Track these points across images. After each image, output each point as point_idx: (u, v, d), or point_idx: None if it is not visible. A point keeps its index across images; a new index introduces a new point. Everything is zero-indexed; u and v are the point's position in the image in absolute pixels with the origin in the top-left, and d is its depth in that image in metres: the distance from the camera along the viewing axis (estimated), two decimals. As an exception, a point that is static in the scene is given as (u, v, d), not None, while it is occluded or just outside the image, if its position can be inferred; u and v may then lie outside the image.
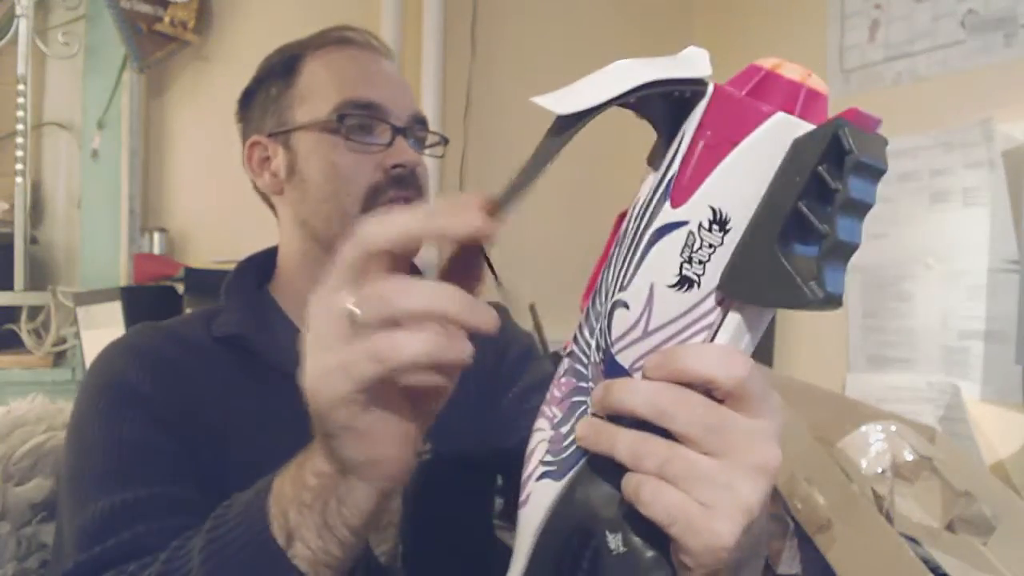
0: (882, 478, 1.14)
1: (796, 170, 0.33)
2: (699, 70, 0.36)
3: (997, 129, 1.41)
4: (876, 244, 1.65)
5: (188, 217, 1.73)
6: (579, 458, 0.40)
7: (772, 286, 0.34)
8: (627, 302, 0.38)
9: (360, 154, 0.77)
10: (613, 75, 0.35)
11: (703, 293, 0.36)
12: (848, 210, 0.33)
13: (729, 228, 0.35)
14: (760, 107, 0.35)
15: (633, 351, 0.38)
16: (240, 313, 0.78)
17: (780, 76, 0.36)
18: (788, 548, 1.13)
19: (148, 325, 0.78)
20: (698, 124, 0.36)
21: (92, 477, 0.64)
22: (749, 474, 0.37)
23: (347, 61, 0.81)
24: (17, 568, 0.84)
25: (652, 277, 0.37)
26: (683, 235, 0.36)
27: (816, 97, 0.36)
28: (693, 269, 0.36)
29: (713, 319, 0.37)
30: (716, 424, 0.37)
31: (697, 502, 0.36)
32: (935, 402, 1.49)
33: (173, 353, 0.73)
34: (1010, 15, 1.43)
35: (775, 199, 0.34)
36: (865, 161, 0.33)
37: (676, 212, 0.36)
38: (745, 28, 2.08)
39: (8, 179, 1.63)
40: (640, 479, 0.37)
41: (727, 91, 0.36)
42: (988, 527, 1.13)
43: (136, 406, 0.67)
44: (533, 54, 2.07)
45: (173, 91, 1.72)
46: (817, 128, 0.34)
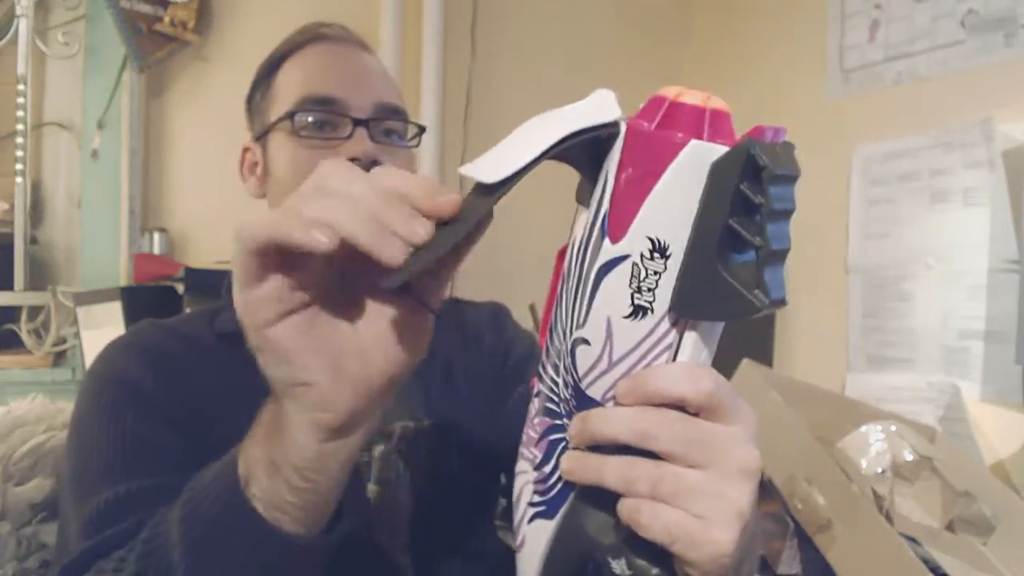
0: (882, 478, 1.14)
1: (720, 191, 0.36)
2: (609, 113, 0.38)
3: (997, 129, 1.41)
4: (876, 244, 1.65)
5: (188, 217, 1.73)
6: (568, 493, 0.42)
7: (721, 301, 0.36)
8: (587, 338, 0.40)
9: (318, 150, 0.76)
10: (529, 135, 0.38)
11: (657, 317, 0.38)
12: (774, 218, 0.36)
13: (669, 254, 0.37)
14: (672, 138, 0.37)
15: (602, 383, 0.40)
16: None
17: (683, 104, 0.37)
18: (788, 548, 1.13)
19: (150, 322, 0.78)
20: (618, 162, 0.38)
21: (95, 472, 0.64)
22: (735, 479, 0.38)
23: (314, 58, 0.81)
24: (17, 568, 0.84)
25: (607, 311, 0.39)
26: (628, 268, 0.38)
27: (720, 116, 0.38)
28: (644, 297, 0.38)
29: (671, 340, 0.38)
30: (695, 437, 0.38)
31: (693, 516, 0.37)
32: (935, 402, 1.49)
33: (175, 349, 0.73)
34: (1010, 15, 1.43)
35: (706, 221, 0.36)
36: (780, 173, 0.35)
37: (616, 247, 0.38)
38: (745, 28, 2.08)
39: (8, 179, 1.63)
40: (635, 503, 0.38)
41: (639, 127, 0.38)
42: (988, 527, 1.13)
43: (138, 402, 0.67)
44: (533, 54, 2.07)
45: (173, 91, 1.72)
46: (731, 150, 0.36)
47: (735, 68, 2.10)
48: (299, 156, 0.77)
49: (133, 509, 0.59)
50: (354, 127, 0.77)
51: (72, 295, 1.58)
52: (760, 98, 1.98)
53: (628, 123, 0.38)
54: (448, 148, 1.93)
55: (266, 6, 1.74)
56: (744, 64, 2.06)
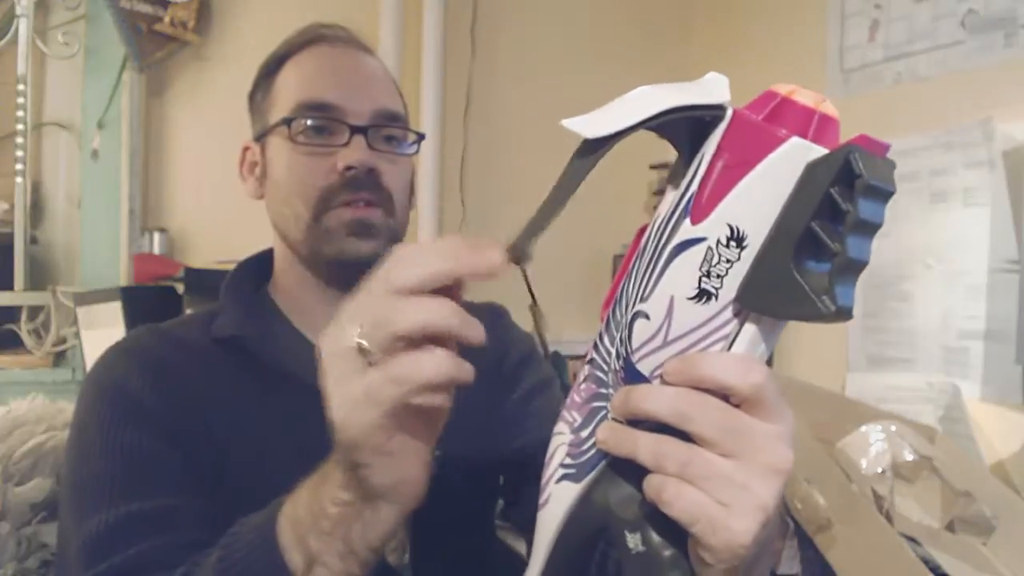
0: (882, 478, 1.14)
1: (810, 191, 0.36)
2: (719, 96, 0.38)
3: (997, 129, 1.41)
4: (876, 244, 1.64)
5: (188, 217, 1.73)
6: (599, 461, 0.42)
7: (787, 300, 0.36)
8: (648, 313, 0.40)
9: (314, 157, 0.75)
10: (638, 101, 0.38)
11: (721, 305, 0.38)
12: (858, 230, 0.36)
13: (746, 244, 0.37)
14: (776, 132, 0.37)
15: (653, 359, 0.40)
16: (239, 314, 0.78)
17: (795, 102, 0.38)
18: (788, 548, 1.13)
19: (148, 328, 0.78)
20: (717, 146, 0.38)
21: (95, 489, 0.63)
22: (764, 474, 0.38)
23: (313, 61, 0.80)
24: (17, 568, 0.84)
25: (672, 290, 0.39)
26: (702, 250, 0.38)
27: (828, 122, 0.38)
28: (711, 283, 0.38)
29: (730, 330, 0.39)
30: (733, 427, 0.38)
31: (716, 501, 0.38)
32: (935, 402, 1.49)
33: (173, 357, 0.73)
34: (1010, 15, 1.43)
35: (790, 218, 0.36)
36: (874, 184, 0.35)
37: (695, 229, 0.38)
38: (745, 28, 2.08)
39: (8, 179, 1.63)
40: (662, 480, 0.39)
41: (745, 116, 0.38)
42: (988, 527, 1.13)
43: (137, 416, 0.67)
44: (533, 54, 2.07)
45: (173, 91, 1.72)
46: (830, 153, 0.36)
47: (735, 68, 2.08)
48: (295, 162, 0.76)
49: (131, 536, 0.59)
50: (351, 134, 0.76)
51: (72, 295, 1.58)
52: (760, 98, 1.98)
53: (735, 110, 0.38)
54: (448, 148, 1.93)
55: (266, 6, 1.74)
56: (744, 64, 2.06)
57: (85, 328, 1.54)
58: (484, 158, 1.97)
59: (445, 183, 1.93)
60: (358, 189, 0.75)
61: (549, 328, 0.99)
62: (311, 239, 0.76)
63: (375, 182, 0.76)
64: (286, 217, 0.77)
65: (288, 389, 0.72)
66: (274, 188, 0.79)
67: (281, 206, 0.78)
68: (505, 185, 1.99)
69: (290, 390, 0.71)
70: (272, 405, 0.71)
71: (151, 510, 0.61)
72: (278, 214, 0.79)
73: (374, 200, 0.76)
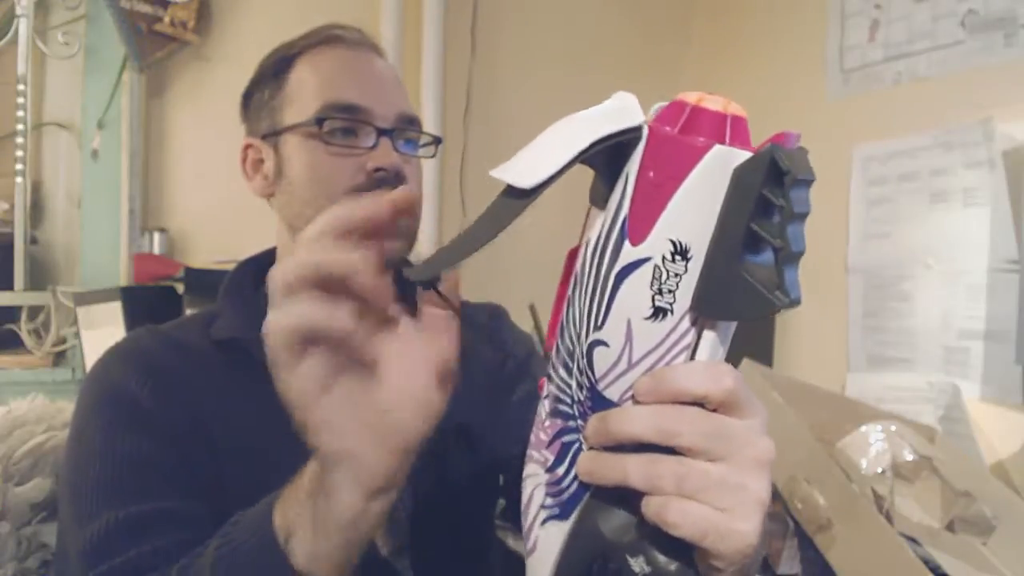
0: (882, 478, 1.14)
1: (743, 195, 0.37)
2: (634, 117, 0.39)
3: (997, 129, 1.41)
4: (876, 244, 1.65)
5: (188, 217, 1.73)
6: (582, 494, 0.42)
7: (742, 301, 0.37)
8: (605, 340, 0.40)
9: (342, 157, 0.76)
10: (560, 140, 0.38)
11: (677, 318, 0.39)
12: (793, 221, 0.37)
13: (690, 256, 0.38)
14: (696, 143, 0.37)
15: (620, 384, 0.40)
16: (238, 316, 0.78)
17: (706, 109, 0.38)
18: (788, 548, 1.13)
19: (147, 329, 0.78)
20: (639, 165, 0.39)
21: (94, 492, 0.64)
22: (755, 470, 0.39)
23: (333, 61, 0.80)
24: (17, 568, 0.84)
25: (627, 313, 0.39)
26: (649, 270, 0.38)
27: (739, 122, 0.39)
28: (665, 299, 0.38)
29: (690, 339, 0.39)
30: (717, 432, 0.39)
31: (719, 510, 0.38)
32: (935, 402, 1.49)
33: (173, 360, 0.73)
34: (1010, 15, 1.43)
35: (728, 223, 0.37)
36: (800, 176, 0.36)
37: (637, 250, 0.38)
38: (745, 28, 2.08)
39: (8, 179, 1.63)
40: (662, 501, 0.39)
41: (661, 132, 0.38)
42: (988, 527, 1.13)
43: (136, 420, 0.67)
44: (533, 54, 2.07)
45: (173, 91, 1.72)
46: (755, 156, 0.37)
47: (735, 68, 2.10)
48: (321, 162, 0.76)
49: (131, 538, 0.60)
50: (379, 136, 0.76)
51: (72, 295, 1.58)
52: (760, 98, 1.98)
53: (650, 127, 0.39)
54: (448, 148, 1.93)
55: (266, 6, 1.74)
56: (744, 64, 2.06)
57: (85, 328, 1.54)
58: (484, 158, 1.97)
59: (445, 183, 1.92)
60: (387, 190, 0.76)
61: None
62: None
63: (401, 184, 0.77)
64: (308, 217, 0.77)
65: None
66: (292, 188, 0.79)
67: (303, 207, 0.77)
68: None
69: None
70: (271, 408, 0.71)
71: (150, 512, 0.61)
72: (297, 214, 0.78)
73: None
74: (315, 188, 0.77)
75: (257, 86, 0.84)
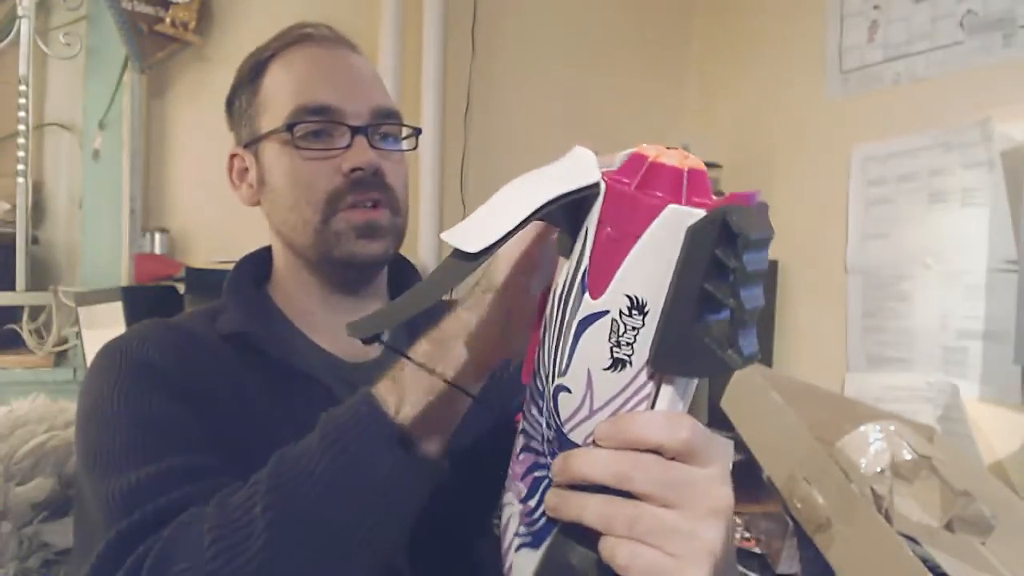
0: (881, 477, 1.15)
1: (696, 255, 0.37)
2: (589, 176, 0.39)
3: (996, 129, 1.41)
4: (875, 244, 1.65)
5: (189, 217, 1.74)
6: (551, 527, 0.44)
7: (696, 359, 0.38)
8: (568, 387, 0.41)
9: (317, 161, 0.75)
10: (512, 201, 0.39)
11: (636, 369, 0.40)
12: (747, 281, 0.37)
13: (647, 311, 0.39)
14: (651, 201, 0.38)
15: (583, 429, 0.42)
16: (243, 311, 0.78)
17: (663, 164, 0.38)
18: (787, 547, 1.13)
19: (152, 321, 0.78)
20: (598, 220, 0.39)
21: (120, 452, 0.62)
22: (708, 519, 0.41)
23: (303, 62, 0.79)
24: (18, 567, 0.84)
25: (587, 363, 0.40)
26: (607, 323, 0.39)
27: (697, 175, 0.39)
28: (623, 351, 0.39)
29: (649, 391, 0.40)
30: (670, 480, 0.40)
31: (668, 555, 0.40)
32: (934, 402, 1.49)
33: (184, 343, 0.73)
34: (1009, 16, 1.43)
35: (683, 282, 0.38)
36: (753, 237, 0.36)
37: (596, 303, 0.39)
38: (745, 29, 2.08)
39: (9, 179, 1.63)
40: (614, 543, 0.40)
41: (618, 188, 0.39)
42: (987, 526, 1.13)
43: (158, 383, 0.66)
44: (533, 54, 2.07)
45: (174, 92, 1.73)
46: (707, 216, 0.37)
47: (735, 68, 2.10)
48: (298, 168, 0.76)
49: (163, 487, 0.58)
50: (353, 135, 0.75)
51: (73, 295, 1.59)
52: (759, 98, 1.99)
53: (608, 182, 0.39)
54: (448, 148, 1.93)
55: (267, 7, 1.75)
56: (744, 64, 2.07)
57: (86, 328, 1.54)
58: (484, 158, 1.97)
59: (445, 183, 1.93)
60: (366, 190, 0.75)
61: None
62: (320, 243, 0.76)
63: (381, 182, 0.76)
64: (292, 223, 0.77)
65: (295, 384, 0.73)
66: (275, 195, 0.78)
67: (287, 213, 0.77)
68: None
69: (297, 385, 0.72)
70: (281, 399, 0.71)
71: (180, 465, 0.60)
72: (282, 221, 0.78)
73: (381, 200, 0.76)
74: (295, 194, 0.76)
75: (236, 93, 0.83)
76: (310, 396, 0.72)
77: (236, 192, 0.84)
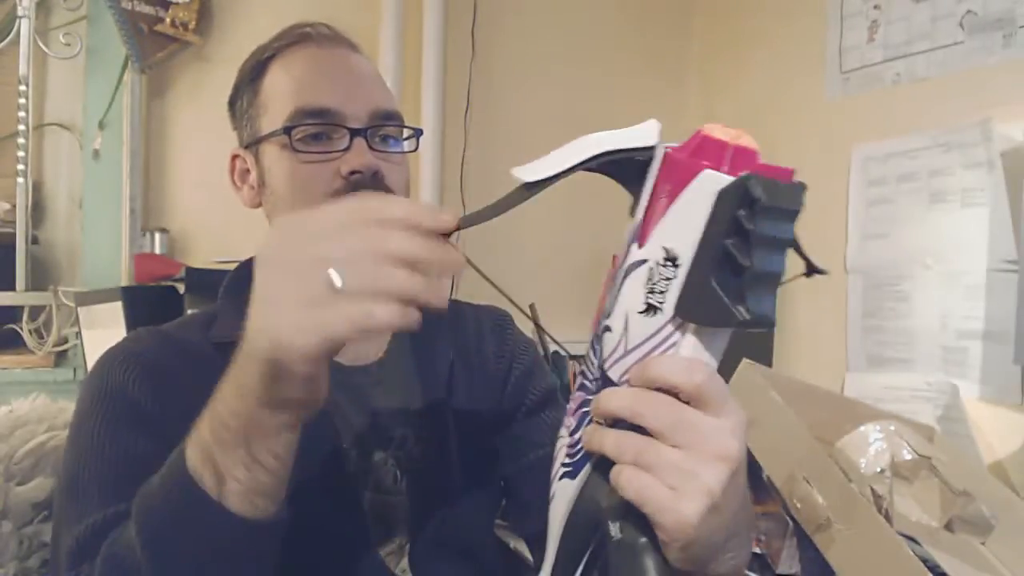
0: (881, 477, 1.15)
1: (721, 215, 0.41)
2: (648, 139, 0.44)
3: (996, 129, 1.41)
4: (875, 244, 1.65)
5: (189, 217, 1.74)
6: (587, 459, 0.48)
7: (710, 310, 0.42)
8: (611, 326, 0.46)
9: (317, 164, 0.75)
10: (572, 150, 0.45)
11: (665, 317, 0.44)
12: (764, 245, 0.41)
13: (679, 263, 0.43)
14: (693, 165, 0.42)
15: (620, 366, 0.46)
16: (238, 319, 0.77)
17: (710, 137, 0.42)
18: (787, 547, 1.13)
19: (148, 330, 0.77)
20: (654, 181, 0.44)
21: (88, 489, 0.63)
22: (711, 462, 0.43)
23: (302, 63, 0.78)
24: (19, 567, 0.84)
25: (627, 306, 0.45)
26: (646, 270, 0.44)
27: (744, 152, 0.42)
28: (655, 298, 0.44)
29: (675, 339, 0.44)
30: (680, 420, 0.43)
31: (666, 486, 0.43)
32: (934, 402, 1.49)
33: (172, 361, 0.72)
34: (1008, 16, 1.43)
35: (709, 239, 0.42)
36: (774, 205, 0.40)
37: (639, 252, 0.44)
38: (745, 29, 2.09)
39: (9, 179, 1.63)
40: (620, 468, 0.44)
41: (673, 154, 0.44)
42: (986, 526, 1.13)
43: (135, 419, 0.67)
44: (533, 54, 2.07)
45: (174, 92, 1.72)
46: (734, 181, 0.41)
47: (735, 68, 2.10)
48: (297, 171, 0.75)
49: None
50: (352, 137, 0.75)
51: (73, 295, 1.59)
52: (759, 98, 1.99)
53: (667, 150, 0.44)
54: (448, 148, 1.93)
55: (267, 6, 1.75)
56: (744, 64, 2.07)
57: (86, 328, 1.54)
58: (484, 158, 1.97)
59: (445, 183, 1.93)
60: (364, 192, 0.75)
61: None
62: None
63: (380, 184, 0.76)
64: None
65: None
66: (275, 197, 0.78)
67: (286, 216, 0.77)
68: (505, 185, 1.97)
69: None
70: None
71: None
72: None
73: None
74: (294, 198, 0.76)
75: (237, 93, 0.83)
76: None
77: (238, 193, 0.83)
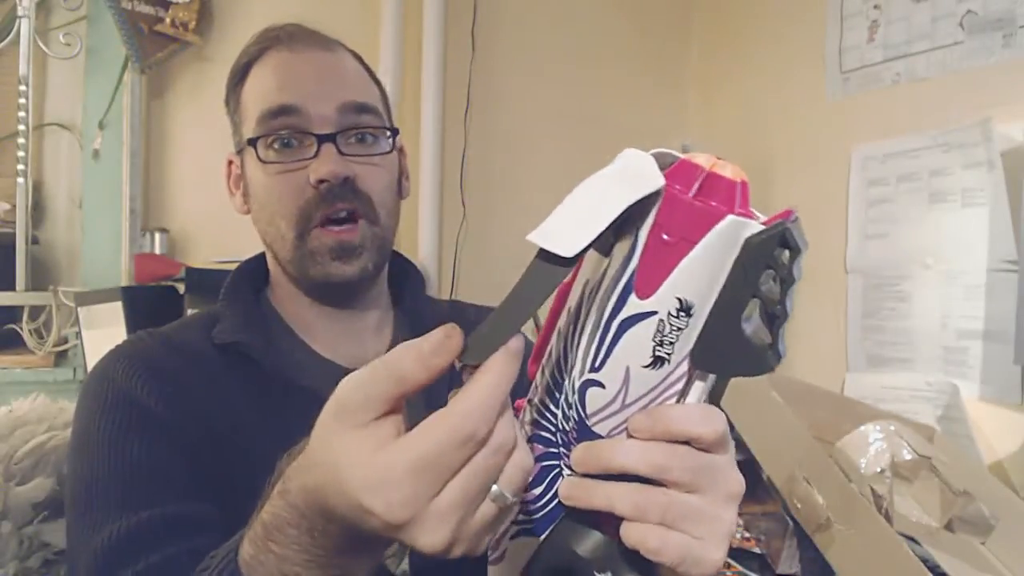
0: (881, 477, 1.15)
1: (753, 263, 0.39)
2: (656, 180, 0.40)
3: (996, 129, 1.41)
4: (875, 244, 1.65)
5: (189, 217, 1.74)
6: (557, 514, 0.46)
7: (740, 358, 0.40)
8: (602, 382, 0.42)
9: (287, 173, 0.73)
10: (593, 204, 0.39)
11: (672, 367, 0.42)
12: (791, 289, 0.40)
13: (693, 313, 0.41)
14: (711, 210, 0.40)
15: (611, 422, 0.43)
16: (240, 320, 0.77)
17: (720, 176, 0.40)
18: (787, 547, 1.13)
19: (147, 333, 0.77)
20: (652, 224, 0.40)
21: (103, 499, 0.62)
22: (727, 503, 0.44)
23: (270, 68, 0.77)
24: (19, 567, 0.84)
25: (627, 360, 0.42)
26: (654, 323, 0.41)
27: (745, 188, 0.41)
28: (664, 350, 0.41)
29: (681, 386, 0.43)
30: (701, 467, 0.43)
31: (695, 538, 0.42)
32: (934, 402, 1.49)
33: (174, 363, 0.72)
34: (1008, 16, 1.43)
35: (735, 286, 0.40)
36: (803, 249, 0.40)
37: (645, 303, 0.41)
38: (744, 29, 2.09)
39: (9, 179, 1.63)
40: (645, 530, 0.42)
41: (676, 194, 0.40)
42: (986, 526, 1.13)
43: (143, 425, 0.66)
44: (533, 54, 2.07)
45: (174, 92, 1.73)
46: (766, 229, 0.39)
47: (735, 69, 2.10)
48: (269, 182, 0.74)
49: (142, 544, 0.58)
50: (320, 143, 0.73)
51: (73, 295, 1.59)
52: (760, 99, 1.99)
53: (666, 190, 0.40)
54: (448, 148, 1.93)
55: (267, 7, 1.75)
56: (744, 65, 2.07)
57: (86, 328, 1.54)
58: (484, 158, 1.97)
59: (445, 183, 1.93)
60: (335, 200, 0.73)
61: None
62: (297, 259, 0.75)
63: (352, 190, 0.73)
64: (272, 236, 0.76)
65: (291, 397, 0.72)
66: (257, 206, 0.78)
67: (267, 226, 0.76)
68: (505, 185, 1.99)
69: (293, 398, 0.71)
70: (275, 413, 0.70)
71: (160, 518, 0.60)
72: (265, 232, 0.78)
73: (355, 210, 0.74)
74: (269, 209, 0.75)
75: (227, 99, 0.83)
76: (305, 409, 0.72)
77: (232, 199, 0.83)
